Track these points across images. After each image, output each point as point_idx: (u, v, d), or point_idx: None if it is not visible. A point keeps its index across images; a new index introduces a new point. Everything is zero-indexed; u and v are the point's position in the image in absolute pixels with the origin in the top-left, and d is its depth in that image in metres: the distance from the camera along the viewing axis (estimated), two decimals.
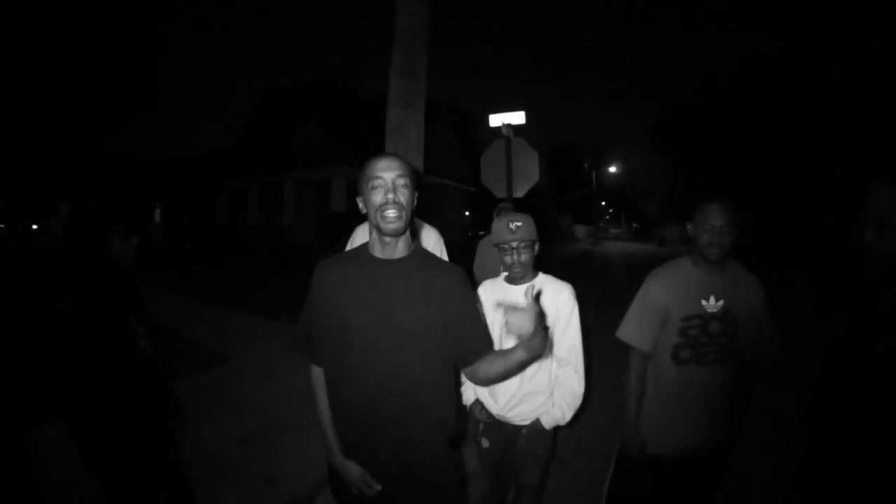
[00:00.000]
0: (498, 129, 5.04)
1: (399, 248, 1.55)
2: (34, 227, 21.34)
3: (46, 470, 2.24)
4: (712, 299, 1.91)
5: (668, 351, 1.94)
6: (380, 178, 1.47)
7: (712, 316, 1.90)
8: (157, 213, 28.81)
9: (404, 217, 1.47)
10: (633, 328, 2.04)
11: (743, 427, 2.11)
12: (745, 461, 3.14)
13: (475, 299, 1.61)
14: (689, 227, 1.98)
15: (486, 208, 17.15)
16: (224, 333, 6.71)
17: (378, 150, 3.84)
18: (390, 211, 1.45)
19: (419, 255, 1.61)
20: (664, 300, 1.95)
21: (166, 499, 2.23)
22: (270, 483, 3.08)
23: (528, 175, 4.97)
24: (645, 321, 2.01)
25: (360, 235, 3.02)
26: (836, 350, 2.09)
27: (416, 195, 1.56)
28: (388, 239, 1.51)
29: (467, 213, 27.69)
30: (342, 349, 1.49)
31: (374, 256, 1.56)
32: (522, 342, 1.41)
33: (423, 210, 3.84)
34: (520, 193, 4.94)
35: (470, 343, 1.59)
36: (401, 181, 1.48)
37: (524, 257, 2.03)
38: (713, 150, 24.31)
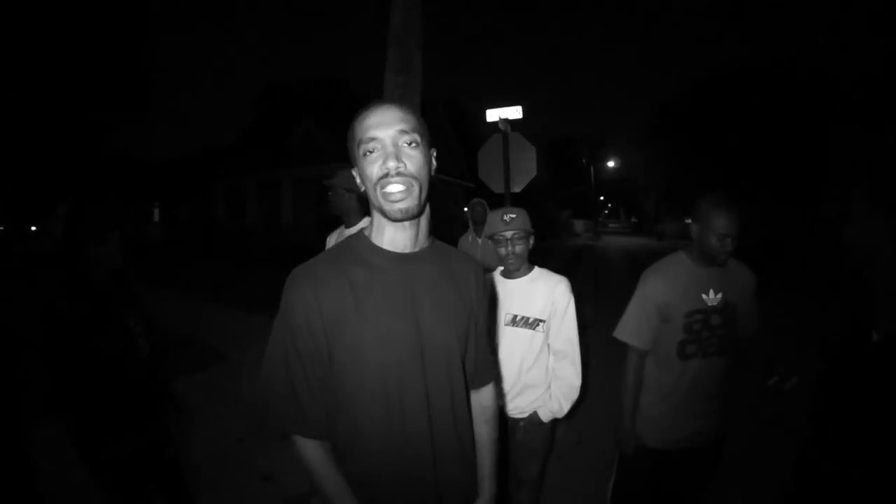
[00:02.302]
0: (495, 123, 5.02)
1: (421, 237, 1.15)
2: (33, 228, 21.30)
3: (45, 471, 2.24)
4: (711, 293, 1.93)
5: (674, 347, 1.93)
6: (373, 139, 1.03)
7: (713, 309, 1.92)
8: (156, 212, 28.80)
9: (415, 194, 1.04)
10: (632, 327, 2.00)
11: (734, 410, 2.13)
12: (747, 456, 3.15)
13: (488, 303, 1.30)
14: (693, 226, 1.95)
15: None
16: (222, 332, 6.71)
17: None
18: (393, 186, 1.03)
19: (437, 245, 1.23)
20: (666, 297, 1.93)
21: (164, 498, 2.23)
22: (269, 481, 3.08)
23: (525, 170, 4.95)
24: (645, 320, 1.97)
25: (332, 240, 3.04)
26: (835, 343, 2.09)
27: (435, 154, 1.15)
28: (405, 224, 1.10)
29: (466, 209, 27.72)
30: (369, 397, 1.06)
31: (384, 250, 1.12)
32: None
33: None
34: (517, 188, 4.93)
35: (481, 361, 1.28)
36: (405, 139, 1.04)
37: (519, 248, 2.03)
38: (710, 145, 24.30)
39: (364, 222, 2.89)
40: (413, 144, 1.05)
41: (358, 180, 1.11)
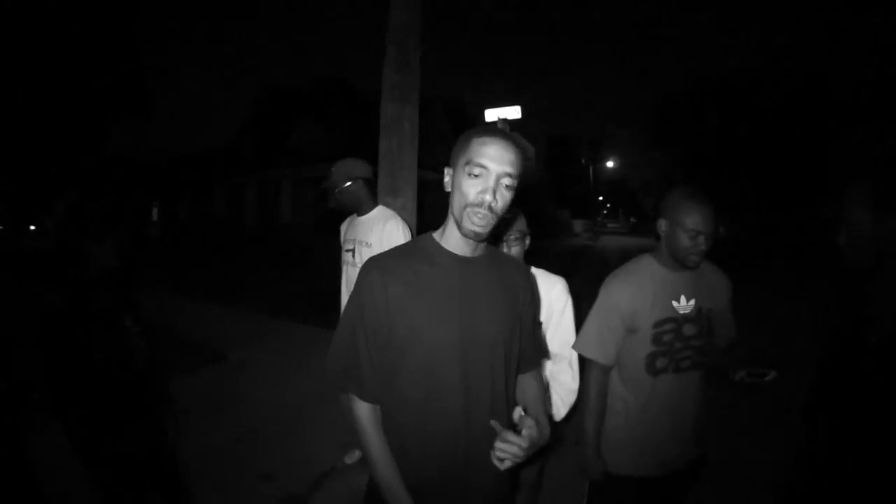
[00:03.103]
0: (494, 123, 5.01)
1: (480, 245, 1.31)
2: (32, 227, 21.22)
3: (44, 470, 2.23)
4: (683, 299, 1.75)
5: (642, 362, 1.74)
6: (484, 166, 1.18)
7: (685, 318, 1.74)
8: (155, 211, 28.73)
9: (492, 225, 1.21)
10: (594, 340, 1.80)
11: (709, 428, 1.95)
12: (743, 459, 3.15)
13: (538, 302, 1.49)
14: (661, 222, 1.77)
15: None
16: (222, 331, 6.70)
17: (375, 145, 3.87)
18: (479, 216, 1.18)
19: (491, 250, 1.39)
20: (631, 306, 1.74)
21: (162, 497, 2.23)
22: (268, 480, 3.07)
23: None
24: (607, 331, 1.78)
25: (343, 228, 3.02)
26: (830, 345, 2.07)
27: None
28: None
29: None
30: (418, 373, 1.21)
31: (448, 251, 1.29)
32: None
33: (418, 205, 3.84)
34: None
35: (527, 351, 1.40)
36: (506, 181, 1.19)
37: (515, 250, 1.97)
38: (710, 145, 24.32)
39: (377, 211, 2.86)
40: (510, 187, 1.20)
41: (447, 178, 1.26)
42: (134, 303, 2.17)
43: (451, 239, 1.28)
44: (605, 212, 78.11)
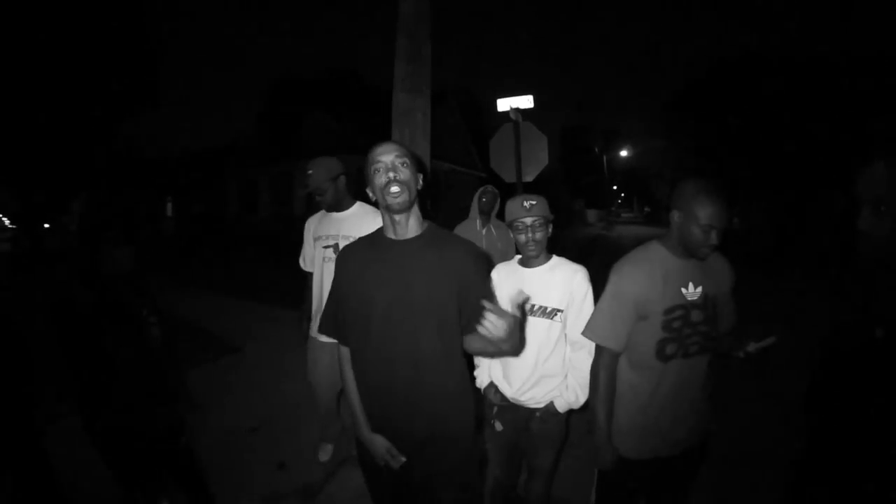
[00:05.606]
0: (506, 113, 4.97)
1: (411, 228, 1.63)
2: (46, 225, 21.39)
3: (61, 461, 2.27)
4: (691, 286, 1.76)
5: (652, 348, 1.75)
6: (380, 161, 1.58)
7: (693, 304, 1.75)
8: (169, 206, 28.99)
9: (407, 193, 1.56)
10: (604, 326, 1.80)
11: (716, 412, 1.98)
12: (747, 450, 3.11)
13: (486, 275, 1.68)
14: (674, 213, 1.76)
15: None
16: (237, 323, 6.77)
17: (386, 136, 3.87)
18: (393, 187, 1.54)
19: (431, 232, 1.67)
20: (643, 292, 1.74)
21: (178, 486, 2.26)
22: (282, 469, 3.11)
23: (537, 159, 4.90)
24: (618, 318, 1.78)
25: (312, 224, 3.02)
26: (836, 337, 2.03)
27: (421, 178, 1.65)
28: (397, 217, 1.59)
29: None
30: (362, 327, 1.59)
31: (387, 238, 1.65)
32: (491, 341, 1.39)
33: (434, 196, 3.82)
34: (529, 178, 4.89)
35: (471, 314, 1.56)
36: (399, 161, 1.58)
37: (539, 235, 1.99)
38: (724, 134, 23.93)
39: (357, 207, 2.86)
40: (404, 164, 1.59)
41: (370, 194, 1.63)
42: (151, 295, 2.20)
43: (388, 227, 1.65)
44: (619, 201, 77.28)
